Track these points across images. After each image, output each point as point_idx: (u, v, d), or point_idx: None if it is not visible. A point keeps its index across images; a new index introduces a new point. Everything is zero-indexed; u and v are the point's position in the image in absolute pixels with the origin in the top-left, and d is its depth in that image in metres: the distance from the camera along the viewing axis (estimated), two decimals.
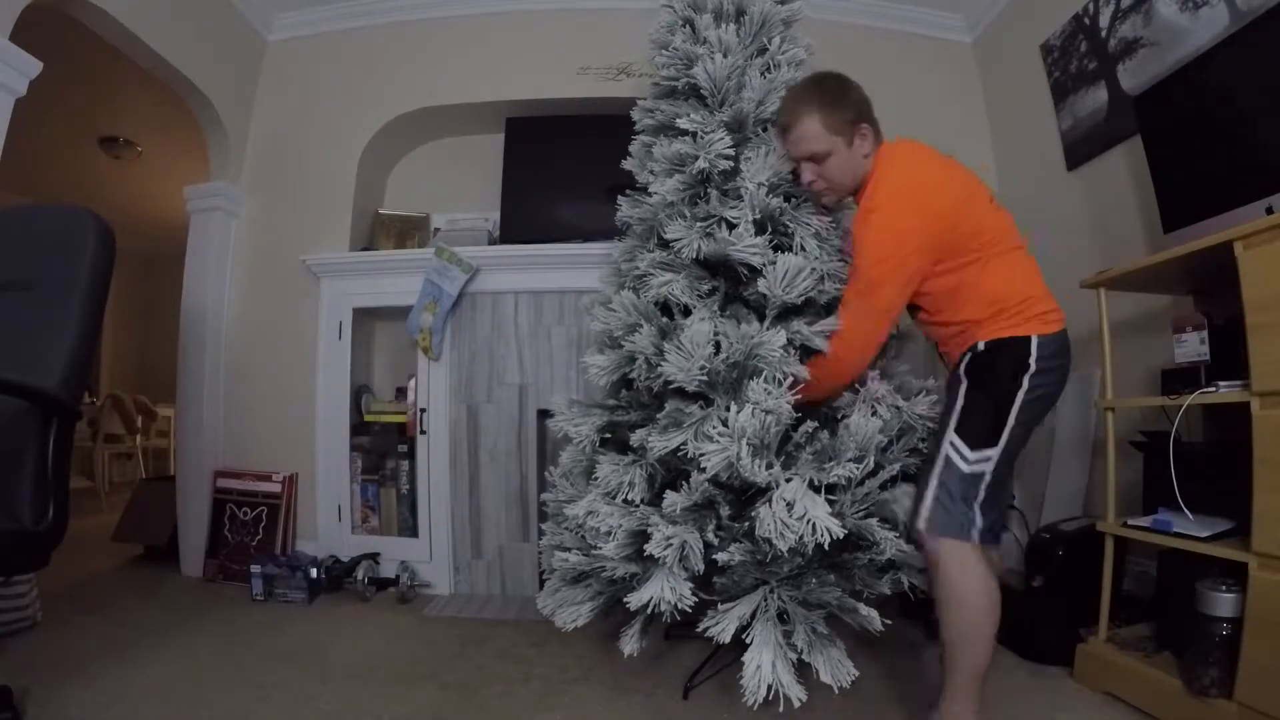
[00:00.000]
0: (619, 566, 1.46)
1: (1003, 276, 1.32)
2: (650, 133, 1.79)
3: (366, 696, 1.56)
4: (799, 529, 1.27)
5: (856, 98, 1.40)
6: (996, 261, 1.32)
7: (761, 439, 1.34)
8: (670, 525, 1.39)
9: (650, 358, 1.51)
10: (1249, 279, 1.25)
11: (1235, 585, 1.26)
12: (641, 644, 1.57)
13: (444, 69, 2.77)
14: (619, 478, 1.52)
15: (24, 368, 1.18)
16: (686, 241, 1.56)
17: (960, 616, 1.25)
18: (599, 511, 1.48)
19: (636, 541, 1.43)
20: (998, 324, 1.31)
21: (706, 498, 1.43)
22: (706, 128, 1.61)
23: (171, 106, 2.78)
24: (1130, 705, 1.45)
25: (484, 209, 2.79)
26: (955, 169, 1.37)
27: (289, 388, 2.67)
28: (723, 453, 1.33)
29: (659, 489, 1.51)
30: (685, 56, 1.70)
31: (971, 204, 1.33)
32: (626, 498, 1.50)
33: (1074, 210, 2.37)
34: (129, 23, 2.22)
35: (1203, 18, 1.83)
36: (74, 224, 1.29)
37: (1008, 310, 1.30)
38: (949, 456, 1.30)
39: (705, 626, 1.36)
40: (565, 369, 2.47)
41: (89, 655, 1.73)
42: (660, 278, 1.58)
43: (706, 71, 1.63)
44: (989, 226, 1.33)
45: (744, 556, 1.36)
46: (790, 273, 1.44)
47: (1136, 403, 1.72)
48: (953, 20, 2.90)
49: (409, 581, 2.34)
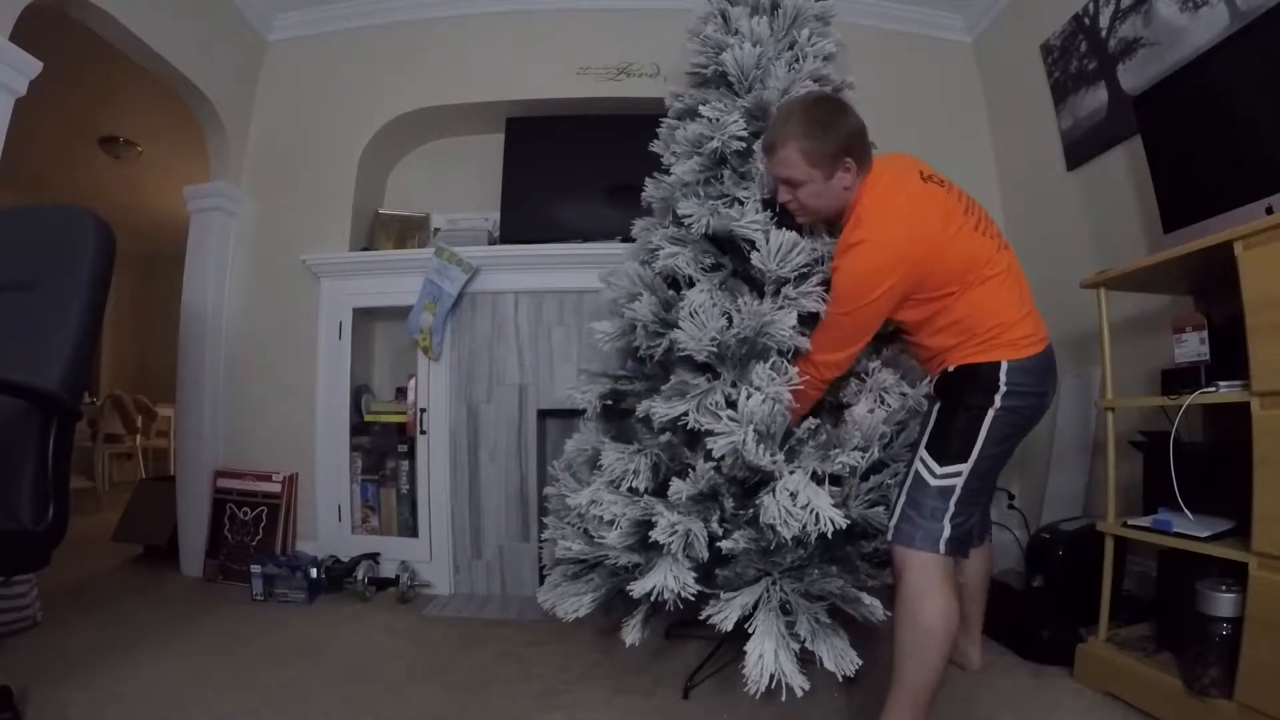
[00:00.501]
0: (621, 555, 1.47)
1: (977, 305, 1.30)
2: (676, 115, 1.83)
3: (366, 696, 1.56)
4: (802, 517, 1.28)
5: (846, 130, 1.34)
6: (974, 291, 1.30)
7: (768, 426, 1.36)
8: (675, 513, 1.40)
9: (649, 325, 1.58)
10: (1249, 279, 1.25)
11: (1235, 585, 1.26)
12: (643, 634, 1.58)
13: (444, 69, 2.77)
14: (624, 465, 1.54)
15: (24, 368, 1.17)
16: (696, 218, 1.60)
17: (913, 631, 1.22)
18: (603, 500, 1.51)
19: (640, 531, 1.45)
20: (965, 350, 1.32)
21: (711, 486, 1.44)
22: (725, 111, 1.64)
23: (171, 106, 2.78)
24: (1130, 705, 1.44)
25: (484, 209, 2.80)
26: (936, 202, 1.32)
27: (289, 388, 2.67)
28: (729, 438, 1.35)
29: (663, 479, 1.53)
30: (716, 45, 1.74)
31: (950, 245, 1.29)
32: (631, 486, 1.52)
33: (1074, 210, 2.38)
34: (129, 23, 2.22)
35: (1203, 18, 1.83)
36: (74, 224, 1.29)
37: (977, 337, 1.30)
38: (918, 471, 1.31)
39: (708, 614, 1.38)
40: (565, 369, 2.47)
41: (89, 655, 1.73)
42: (668, 249, 1.63)
43: (734, 59, 1.66)
44: (965, 259, 1.30)
45: (748, 544, 1.38)
46: (784, 248, 1.46)
47: (1136, 403, 1.72)
48: (953, 20, 2.90)
49: (409, 581, 2.34)
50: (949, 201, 1.33)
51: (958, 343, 1.33)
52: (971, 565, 1.61)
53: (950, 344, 1.34)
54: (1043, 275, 2.56)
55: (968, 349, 1.32)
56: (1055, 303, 2.34)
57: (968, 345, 1.32)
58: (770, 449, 1.36)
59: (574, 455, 1.75)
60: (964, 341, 1.32)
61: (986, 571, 1.70)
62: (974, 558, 1.60)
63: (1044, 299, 1.42)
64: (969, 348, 1.32)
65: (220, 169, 2.78)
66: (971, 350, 1.32)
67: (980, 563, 1.66)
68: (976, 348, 1.31)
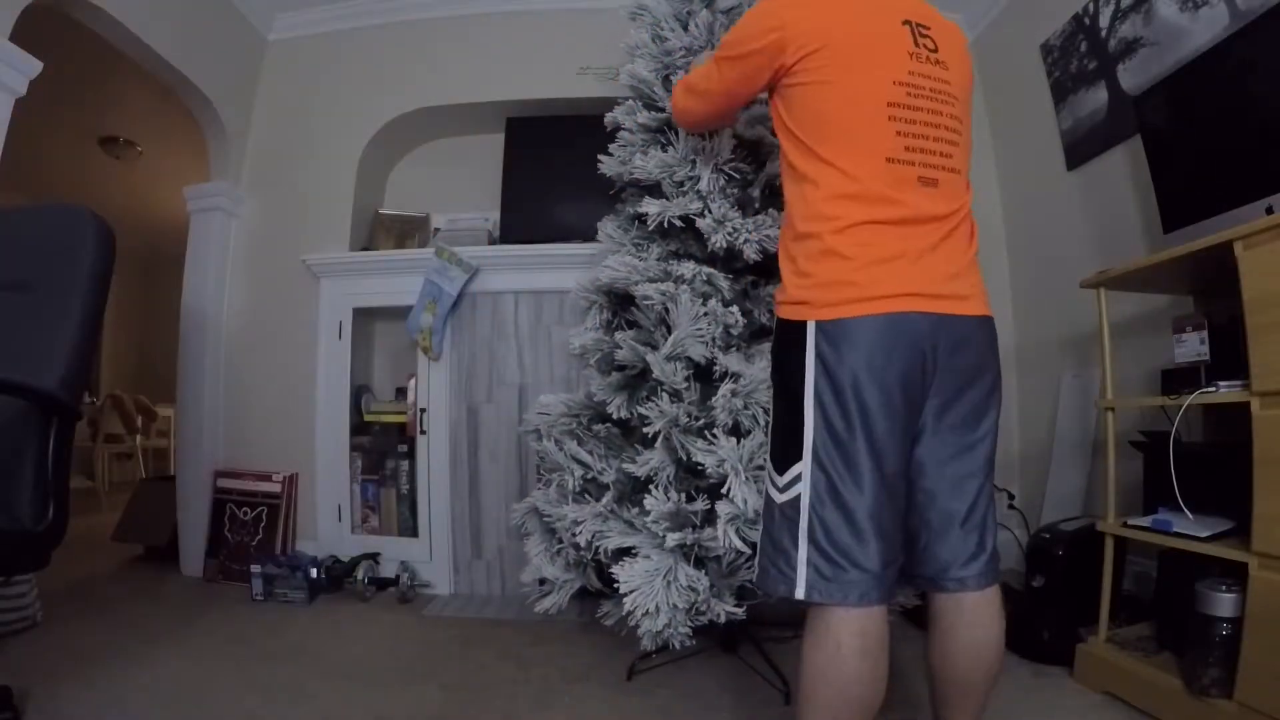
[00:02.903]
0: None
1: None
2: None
3: (366, 696, 1.56)
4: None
5: None
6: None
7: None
8: (657, 551, 1.43)
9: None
10: (1249, 279, 1.25)
11: (1235, 585, 1.26)
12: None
13: (444, 69, 2.77)
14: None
15: (24, 368, 1.17)
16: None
17: (802, 708, 0.94)
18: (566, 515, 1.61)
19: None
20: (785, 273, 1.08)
21: (683, 493, 1.48)
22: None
23: (171, 106, 2.78)
24: (1130, 705, 1.44)
25: (484, 209, 2.79)
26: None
27: (289, 388, 2.66)
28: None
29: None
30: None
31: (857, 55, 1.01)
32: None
33: (1074, 210, 2.37)
34: (129, 23, 2.22)
35: (1203, 18, 1.83)
36: (74, 224, 1.29)
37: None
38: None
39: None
40: (565, 369, 2.47)
41: (89, 655, 1.73)
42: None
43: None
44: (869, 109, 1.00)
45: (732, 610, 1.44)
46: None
47: (1136, 403, 1.72)
48: (953, 20, 2.89)
49: (409, 581, 2.34)
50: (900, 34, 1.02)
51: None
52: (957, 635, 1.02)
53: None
54: (1042, 275, 2.60)
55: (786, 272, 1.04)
56: (1055, 303, 2.35)
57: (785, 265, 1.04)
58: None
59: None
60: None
61: (985, 645, 1.02)
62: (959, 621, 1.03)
63: (1044, 299, 1.41)
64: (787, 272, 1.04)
65: (220, 169, 2.78)
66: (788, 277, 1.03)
67: (969, 631, 1.02)
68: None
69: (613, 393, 1.68)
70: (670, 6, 1.79)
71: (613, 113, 1.83)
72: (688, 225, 1.64)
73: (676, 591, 1.38)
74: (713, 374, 1.56)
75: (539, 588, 1.73)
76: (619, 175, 1.80)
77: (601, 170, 1.84)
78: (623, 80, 1.81)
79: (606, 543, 1.51)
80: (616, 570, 1.43)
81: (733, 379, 1.48)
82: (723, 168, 1.63)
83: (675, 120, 1.45)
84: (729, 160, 1.63)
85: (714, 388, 1.51)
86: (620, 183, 1.83)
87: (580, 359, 1.85)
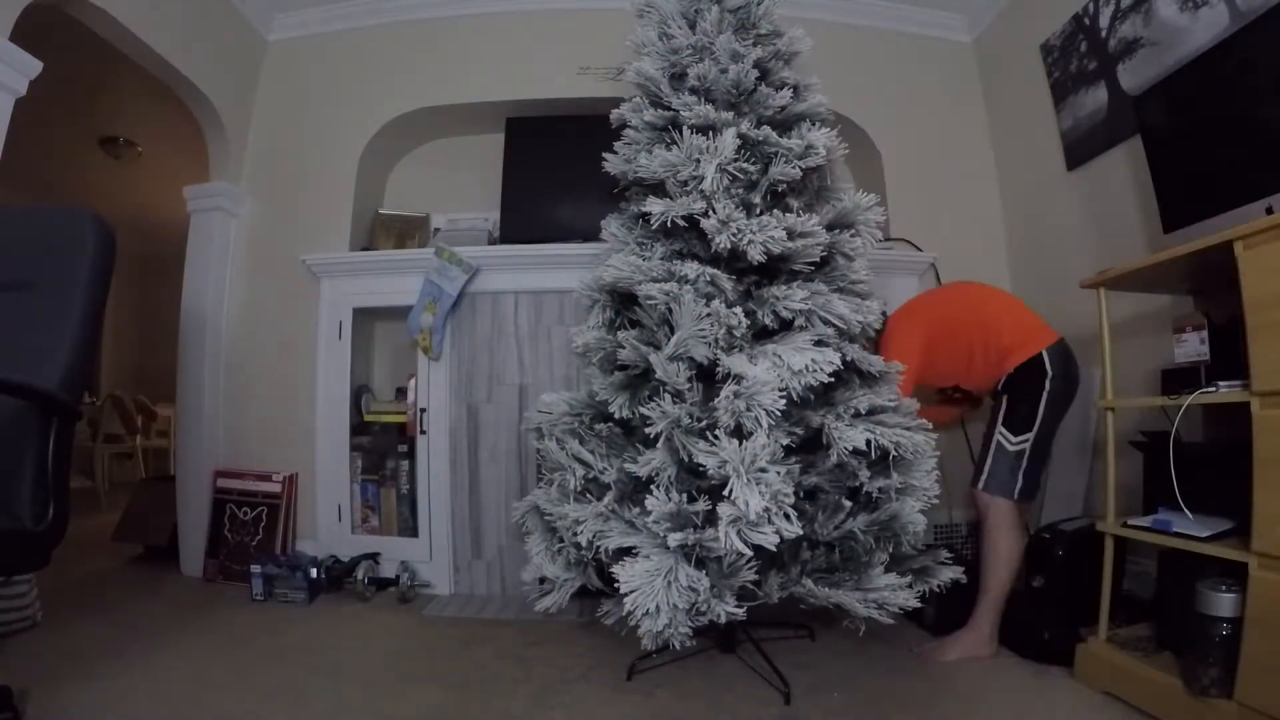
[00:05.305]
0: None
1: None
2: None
3: (366, 696, 1.56)
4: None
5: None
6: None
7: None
8: (658, 552, 1.43)
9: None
10: (1249, 279, 1.25)
11: (1235, 585, 1.26)
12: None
13: (444, 69, 2.77)
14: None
15: (24, 368, 1.17)
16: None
17: (993, 552, 1.75)
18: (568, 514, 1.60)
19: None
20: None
21: (685, 493, 1.48)
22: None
23: (171, 107, 2.77)
24: (1130, 705, 1.44)
25: (484, 209, 2.80)
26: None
27: (289, 388, 2.66)
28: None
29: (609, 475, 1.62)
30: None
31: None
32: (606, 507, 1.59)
33: (1074, 210, 2.38)
34: (129, 23, 2.22)
35: (1203, 18, 1.83)
36: (74, 224, 1.29)
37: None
38: (1000, 441, 1.79)
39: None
40: (565, 369, 2.47)
41: (89, 655, 1.73)
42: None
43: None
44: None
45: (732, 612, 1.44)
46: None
47: (1136, 403, 1.72)
48: (953, 20, 2.90)
49: (409, 581, 2.34)
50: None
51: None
52: None
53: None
54: (1043, 275, 2.60)
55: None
56: (1055, 303, 2.35)
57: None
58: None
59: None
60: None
61: (1029, 522, 2.05)
62: None
63: (1044, 299, 1.41)
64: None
65: (220, 169, 2.78)
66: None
67: None
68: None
69: (615, 392, 1.67)
70: (678, 4, 1.79)
71: (619, 109, 1.83)
72: (691, 225, 1.63)
73: (677, 592, 1.38)
74: (715, 375, 1.56)
75: (539, 586, 1.72)
76: (623, 174, 1.80)
77: (606, 168, 1.84)
78: (629, 77, 1.80)
79: (607, 542, 1.50)
80: (617, 570, 1.42)
81: (735, 380, 1.47)
82: (727, 168, 1.62)
83: None
84: (733, 160, 1.62)
85: (716, 389, 1.51)
86: (624, 181, 1.82)
87: (582, 357, 1.85)
